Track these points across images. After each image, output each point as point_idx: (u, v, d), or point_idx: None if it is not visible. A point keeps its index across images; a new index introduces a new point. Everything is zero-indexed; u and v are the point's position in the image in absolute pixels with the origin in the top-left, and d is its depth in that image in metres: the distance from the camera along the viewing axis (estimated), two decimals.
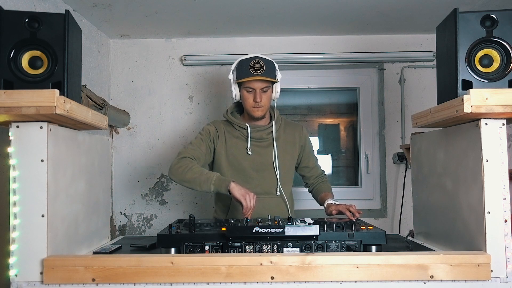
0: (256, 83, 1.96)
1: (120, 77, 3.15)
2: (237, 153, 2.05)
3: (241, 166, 2.04)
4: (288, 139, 2.13)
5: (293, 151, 2.13)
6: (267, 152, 2.07)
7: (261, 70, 1.95)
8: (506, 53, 1.34)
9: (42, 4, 2.21)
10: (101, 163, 1.73)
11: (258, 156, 2.06)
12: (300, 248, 1.41)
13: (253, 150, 2.05)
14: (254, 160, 2.05)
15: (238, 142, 2.06)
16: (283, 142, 2.11)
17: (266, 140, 2.08)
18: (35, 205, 1.27)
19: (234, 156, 2.05)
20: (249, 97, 2.00)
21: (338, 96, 3.33)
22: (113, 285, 1.28)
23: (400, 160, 3.00)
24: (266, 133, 2.07)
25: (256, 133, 2.06)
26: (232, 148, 2.05)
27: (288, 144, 2.12)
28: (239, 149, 2.05)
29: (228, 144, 2.06)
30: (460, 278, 1.27)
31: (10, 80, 1.28)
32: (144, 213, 3.13)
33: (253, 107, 2.00)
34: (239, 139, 2.07)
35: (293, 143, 2.13)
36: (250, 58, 1.98)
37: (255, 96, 1.97)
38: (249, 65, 1.96)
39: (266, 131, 2.07)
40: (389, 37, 3.12)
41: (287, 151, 2.11)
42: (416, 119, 1.64)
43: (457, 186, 1.45)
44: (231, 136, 2.07)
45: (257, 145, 2.07)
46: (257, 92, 1.97)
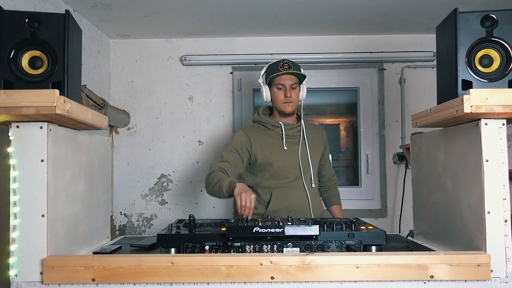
0: (286, 79, 2.14)
1: (120, 77, 3.15)
2: (274, 150, 2.17)
3: (278, 163, 2.15)
4: (315, 137, 2.29)
5: (320, 148, 2.29)
6: (296, 148, 2.20)
7: (290, 68, 2.14)
8: (506, 53, 1.33)
9: (42, 4, 2.21)
10: (101, 163, 1.73)
11: (293, 152, 2.19)
12: (300, 248, 1.40)
13: (288, 146, 2.18)
14: (290, 155, 2.18)
15: (273, 141, 2.19)
16: (311, 139, 2.26)
17: (297, 136, 2.22)
18: (35, 205, 1.27)
19: (271, 153, 2.16)
20: (279, 93, 2.16)
21: (338, 96, 3.33)
22: (113, 285, 1.28)
23: (400, 160, 3.00)
24: (296, 130, 2.22)
25: (288, 131, 2.20)
26: (268, 147, 2.17)
27: (316, 142, 2.28)
28: (275, 146, 2.18)
29: (263, 143, 2.18)
30: (460, 278, 1.27)
31: (10, 80, 1.28)
32: (144, 213, 3.13)
33: (284, 102, 2.16)
34: (273, 138, 2.19)
35: (318, 141, 2.30)
36: (279, 60, 2.18)
37: (286, 92, 2.14)
38: (278, 64, 2.14)
39: (297, 128, 2.22)
40: (389, 37, 3.12)
41: (315, 147, 2.27)
42: (416, 119, 1.64)
43: (457, 186, 1.45)
44: (265, 136, 2.20)
45: (291, 141, 2.20)
46: (287, 88, 2.14)
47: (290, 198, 2.13)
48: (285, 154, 2.16)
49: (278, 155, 2.16)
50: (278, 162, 2.14)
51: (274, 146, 2.17)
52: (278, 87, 2.15)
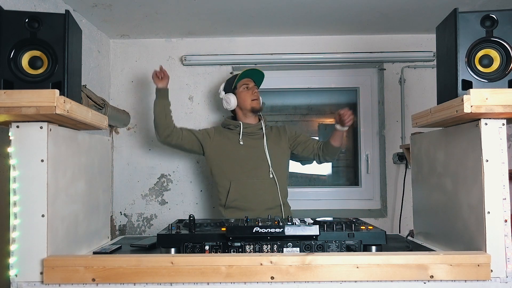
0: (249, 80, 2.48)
1: (120, 77, 3.15)
2: (230, 145, 2.43)
3: (234, 155, 2.41)
4: (276, 136, 2.50)
5: (282, 144, 2.48)
6: (258, 143, 2.44)
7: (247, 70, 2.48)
8: (506, 53, 1.34)
9: (42, 4, 2.21)
10: (101, 163, 1.73)
11: (249, 147, 2.42)
12: (300, 248, 1.41)
13: (245, 142, 2.43)
14: (246, 149, 2.42)
15: (232, 137, 2.45)
16: (273, 137, 2.49)
17: (257, 134, 2.47)
18: (35, 205, 1.27)
19: (228, 147, 2.43)
20: (247, 93, 2.46)
21: (338, 96, 3.33)
22: (113, 285, 1.28)
23: (400, 160, 3.00)
24: (256, 128, 2.47)
25: (247, 129, 2.45)
26: (226, 143, 2.44)
27: (277, 139, 2.49)
28: (232, 142, 2.44)
29: (222, 141, 2.45)
30: (460, 278, 1.27)
31: (10, 80, 1.28)
32: (144, 213, 3.13)
33: (253, 100, 2.45)
34: (233, 135, 2.46)
35: (280, 139, 2.49)
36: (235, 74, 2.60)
37: (253, 89, 2.46)
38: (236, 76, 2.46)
39: (256, 127, 2.48)
40: (389, 37, 3.12)
41: (276, 143, 2.47)
42: (416, 119, 1.64)
43: (457, 186, 1.45)
44: (225, 136, 2.47)
45: (249, 138, 2.45)
46: (252, 86, 2.48)
47: (247, 188, 2.35)
48: (241, 148, 2.41)
49: (234, 149, 2.41)
50: (234, 155, 2.40)
51: (233, 142, 2.43)
52: (244, 87, 2.46)
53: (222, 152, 2.43)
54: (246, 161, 2.40)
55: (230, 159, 2.41)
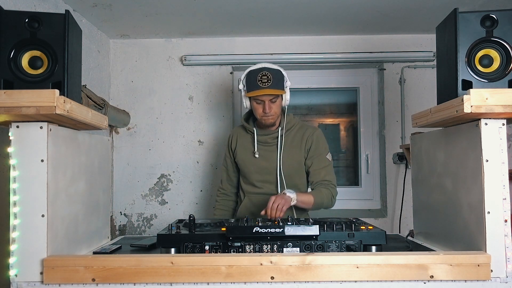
0: (264, 95, 2.02)
1: (120, 77, 3.15)
2: (245, 157, 2.18)
3: (247, 169, 2.17)
4: (295, 142, 2.13)
5: (297, 154, 2.11)
6: (272, 156, 2.13)
7: (268, 82, 1.99)
8: (506, 53, 1.34)
9: (42, 4, 2.21)
10: (101, 163, 1.73)
11: (263, 160, 2.14)
12: (300, 248, 1.41)
13: (260, 154, 2.14)
14: (260, 163, 2.14)
15: (248, 146, 2.19)
16: (289, 146, 2.12)
17: (272, 144, 2.14)
18: (35, 205, 1.27)
19: (243, 159, 2.18)
20: (258, 107, 2.07)
21: (338, 96, 3.33)
22: (113, 285, 1.28)
23: (400, 160, 3.00)
24: (271, 137, 2.13)
25: (261, 137, 2.14)
26: (243, 152, 2.20)
27: (294, 148, 2.12)
28: (247, 153, 2.18)
29: (240, 147, 2.21)
30: (460, 278, 1.27)
31: (10, 80, 1.28)
32: (144, 213, 3.13)
33: (263, 116, 2.08)
34: (249, 143, 2.19)
35: (298, 146, 2.12)
36: (258, 69, 2.03)
37: (264, 107, 2.04)
38: (257, 77, 2.01)
39: (272, 135, 2.13)
40: (389, 37, 3.12)
41: (291, 155, 2.11)
42: (416, 119, 1.64)
43: (457, 186, 1.45)
44: (243, 140, 2.22)
45: (264, 149, 2.15)
46: (266, 103, 2.03)
47: (257, 206, 2.07)
48: (255, 162, 2.14)
49: (248, 161, 2.16)
50: (247, 169, 2.17)
51: (248, 152, 2.18)
52: (257, 101, 2.05)
53: (241, 163, 2.20)
54: (259, 175, 2.14)
55: (246, 171, 2.18)
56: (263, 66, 2.06)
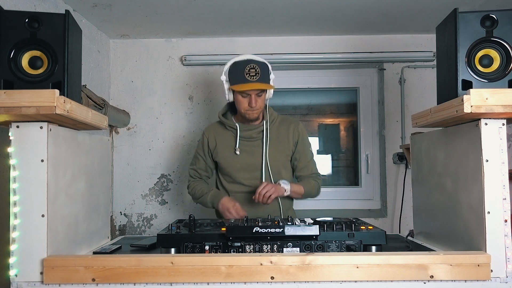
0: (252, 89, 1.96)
1: (120, 77, 3.15)
2: (226, 154, 2.09)
3: (231, 167, 2.07)
4: (281, 136, 2.10)
5: (285, 148, 2.10)
6: (257, 151, 2.06)
7: (256, 75, 1.94)
8: (506, 53, 1.33)
9: (42, 4, 2.21)
10: (101, 163, 1.73)
11: (248, 156, 2.06)
12: (300, 248, 1.40)
13: (243, 149, 2.06)
14: (243, 160, 2.06)
15: (229, 143, 2.09)
16: (275, 140, 2.09)
17: (256, 139, 2.08)
18: (35, 205, 1.27)
19: (225, 157, 2.09)
20: (243, 101, 1.99)
21: (338, 96, 3.33)
22: (113, 285, 1.28)
23: (400, 160, 3.00)
24: (256, 132, 2.07)
25: (245, 132, 2.07)
26: (224, 149, 2.09)
27: (280, 142, 2.09)
28: (229, 150, 2.08)
29: (220, 146, 2.11)
30: (460, 278, 1.27)
31: (10, 80, 1.28)
32: (144, 213, 3.13)
33: (247, 110, 2.01)
34: (230, 140, 2.09)
35: (286, 140, 2.10)
36: (244, 61, 1.97)
37: (250, 101, 1.97)
38: (244, 70, 1.94)
39: (256, 130, 2.07)
40: (389, 37, 3.12)
41: (278, 149, 2.08)
42: (416, 119, 1.64)
43: (457, 186, 1.45)
44: (222, 138, 2.11)
45: (248, 144, 2.08)
46: (252, 97, 1.97)
47: (244, 205, 2.02)
48: (238, 158, 2.05)
49: (231, 159, 2.07)
50: (231, 167, 2.07)
51: (230, 149, 2.08)
52: (243, 95, 1.97)
53: (220, 161, 2.10)
54: (245, 172, 2.06)
55: (229, 170, 2.08)
56: (248, 58, 1.98)
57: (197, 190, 2.13)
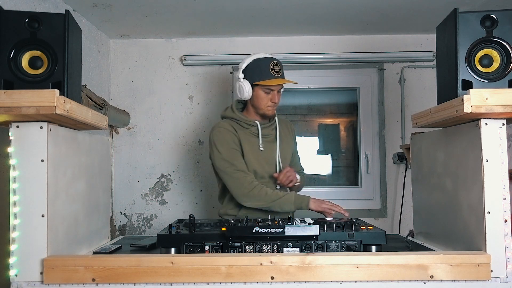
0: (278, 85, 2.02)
1: (120, 77, 3.15)
2: (251, 150, 2.08)
3: (256, 161, 2.08)
4: (286, 133, 2.23)
5: (290, 144, 2.25)
6: (273, 147, 2.15)
7: (280, 71, 2.03)
8: (506, 53, 1.34)
9: (42, 4, 2.21)
10: (101, 163, 1.73)
11: (267, 151, 2.13)
12: (300, 248, 1.41)
13: (264, 146, 2.12)
14: (265, 155, 2.12)
15: (251, 139, 2.10)
16: (283, 136, 2.20)
17: (271, 136, 2.16)
18: (35, 205, 1.27)
19: (250, 152, 2.07)
20: (265, 97, 2.04)
21: (338, 96, 3.33)
22: (113, 285, 1.28)
23: (400, 160, 3.00)
24: (271, 128, 2.16)
25: (264, 130, 2.13)
26: (246, 146, 2.07)
27: (287, 138, 2.22)
28: (252, 146, 2.09)
29: (244, 143, 2.07)
30: (460, 278, 1.27)
31: (10, 80, 1.28)
32: (144, 213, 3.13)
33: (269, 106, 2.06)
34: (250, 136, 2.11)
35: (290, 136, 2.25)
36: (267, 58, 2.03)
37: (273, 97, 2.04)
38: (268, 66, 2.00)
39: (271, 126, 2.16)
40: (389, 37, 3.12)
41: (288, 144, 2.21)
42: (416, 119, 1.64)
43: (457, 186, 1.45)
44: (243, 134, 2.10)
45: (266, 141, 2.14)
46: (275, 93, 2.04)
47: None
48: (261, 154, 2.09)
49: (257, 154, 2.08)
50: (257, 162, 2.07)
51: (252, 145, 2.09)
52: (266, 91, 2.02)
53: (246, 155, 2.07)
54: (261, 168, 2.09)
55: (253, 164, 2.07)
56: (267, 55, 2.05)
57: (268, 191, 1.97)
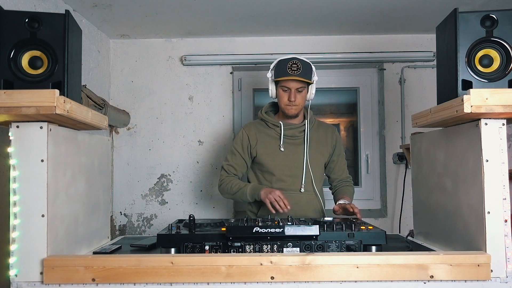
0: (292, 82, 2.05)
1: (120, 77, 3.15)
2: (270, 151, 2.13)
3: (274, 162, 2.11)
4: (321, 138, 2.20)
5: (324, 150, 2.20)
6: (299, 150, 2.13)
7: (297, 70, 2.04)
8: (506, 53, 1.34)
9: (42, 4, 2.21)
10: (101, 163, 1.73)
11: (290, 154, 2.12)
12: (300, 248, 1.41)
13: (286, 147, 2.12)
14: (286, 157, 2.12)
15: (271, 141, 2.14)
16: (315, 141, 2.17)
17: (299, 138, 2.15)
18: (35, 205, 1.27)
19: (268, 153, 2.12)
20: (284, 95, 2.08)
21: (338, 96, 3.33)
22: (113, 285, 1.28)
23: (400, 160, 3.00)
24: (298, 131, 2.14)
25: (288, 131, 2.13)
26: (265, 146, 2.14)
27: (320, 143, 2.19)
28: (273, 147, 2.13)
29: (261, 143, 2.14)
30: (460, 278, 1.27)
31: (10, 80, 1.28)
32: (144, 213, 3.13)
33: (287, 105, 2.09)
34: (272, 138, 2.15)
35: (325, 142, 2.20)
36: (289, 58, 2.08)
37: (290, 95, 2.06)
38: (287, 65, 2.05)
39: (299, 129, 2.14)
40: (389, 37, 3.12)
41: (319, 149, 2.17)
42: (416, 119, 1.64)
43: (457, 186, 1.45)
44: (264, 135, 2.16)
45: (290, 142, 2.14)
46: (292, 91, 2.06)
47: None
48: (281, 156, 2.11)
49: (274, 156, 2.11)
50: (273, 163, 2.11)
51: (272, 146, 2.13)
52: (283, 89, 2.08)
53: (261, 158, 2.12)
54: (287, 169, 2.10)
55: (268, 166, 2.11)
56: (294, 56, 2.10)
57: (233, 184, 2.10)
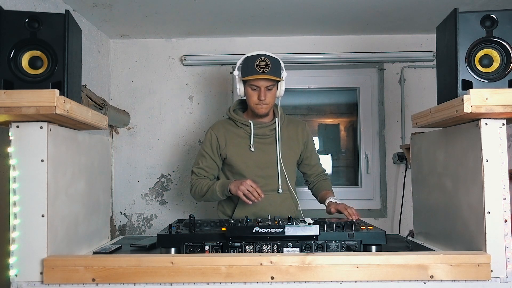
0: (261, 81, 1.96)
1: (120, 77, 3.15)
2: (240, 151, 2.05)
3: (245, 164, 2.03)
4: (291, 135, 2.13)
5: (296, 147, 2.13)
6: (271, 149, 2.06)
7: (266, 68, 1.95)
8: (506, 53, 1.34)
9: (42, 4, 2.21)
10: (101, 163, 1.73)
11: (261, 153, 2.05)
12: (300, 248, 1.41)
13: (256, 147, 2.05)
14: (257, 157, 2.04)
15: (241, 141, 2.06)
16: (286, 138, 2.10)
17: (270, 136, 2.07)
18: (35, 205, 1.27)
19: (238, 154, 2.05)
20: (253, 94, 1.99)
21: (338, 96, 3.33)
22: (113, 285, 1.28)
23: (400, 160, 3.00)
24: (269, 129, 2.07)
25: (259, 130, 2.05)
26: (235, 147, 2.05)
27: (291, 140, 2.12)
28: (242, 147, 2.05)
29: (231, 143, 2.06)
30: (460, 278, 1.27)
31: (10, 80, 1.28)
32: (144, 213, 3.13)
33: (257, 104, 2.00)
34: (242, 137, 2.06)
35: (296, 139, 2.14)
36: (256, 55, 1.98)
37: (260, 94, 1.97)
38: (254, 62, 1.95)
39: (269, 127, 2.07)
40: (389, 37, 3.12)
41: (290, 147, 2.11)
42: (416, 119, 1.64)
43: (457, 186, 1.45)
44: (233, 135, 2.07)
45: (261, 142, 2.06)
46: (262, 90, 1.97)
47: (256, 204, 1.95)
48: (252, 156, 2.03)
49: (244, 157, 2.04)
50: (244, 165, 2.03)
51: (242, 147, 2.05)
52: (252, 87, 1.98)
53: (231, 159, 2.05)
54: (258, 170, 2.04)
55: (242, 167, 2.04)
56: (261, 52, 2.00)
57: (203, 185, 2.02)
